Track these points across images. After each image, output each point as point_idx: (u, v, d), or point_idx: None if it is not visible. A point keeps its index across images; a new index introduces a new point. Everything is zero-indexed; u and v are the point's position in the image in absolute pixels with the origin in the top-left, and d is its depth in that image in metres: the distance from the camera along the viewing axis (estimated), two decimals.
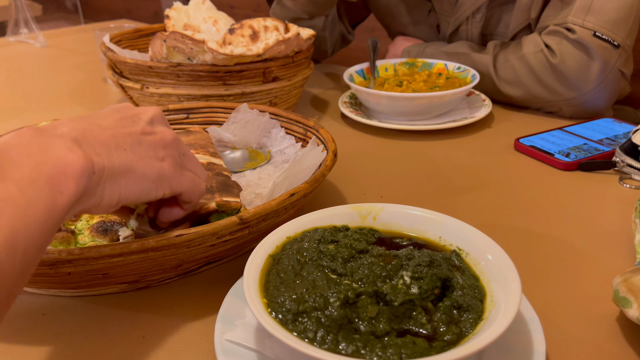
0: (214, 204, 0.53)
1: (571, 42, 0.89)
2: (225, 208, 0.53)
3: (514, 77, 0.96)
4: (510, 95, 0.98)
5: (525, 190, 0.71)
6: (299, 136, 0.74)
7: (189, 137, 0.72)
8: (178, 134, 0.72)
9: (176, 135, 0.47)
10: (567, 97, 0.93)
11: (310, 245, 0.46)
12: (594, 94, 0.92)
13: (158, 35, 0.85)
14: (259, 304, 0.39)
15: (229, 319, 0.45)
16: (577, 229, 0.62)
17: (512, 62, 0.96)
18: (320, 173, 0.57)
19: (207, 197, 0.56)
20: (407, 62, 1.05)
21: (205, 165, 0.66)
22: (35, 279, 0.48)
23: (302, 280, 0.42)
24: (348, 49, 1.41)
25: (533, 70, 0.93)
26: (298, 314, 0.38)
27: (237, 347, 0.42)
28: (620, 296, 0.44)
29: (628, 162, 0.73)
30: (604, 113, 0.98)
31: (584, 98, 0.92)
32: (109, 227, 0.54)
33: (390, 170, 0.78)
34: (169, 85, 0.86)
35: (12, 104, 1.10)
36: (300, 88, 0.97)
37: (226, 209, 0.54)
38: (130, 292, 0.52)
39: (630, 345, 0.45)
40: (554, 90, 0.93)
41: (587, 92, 0.92)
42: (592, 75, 0.90)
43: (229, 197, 0.56)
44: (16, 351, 0.46)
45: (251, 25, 0.90)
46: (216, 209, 0.53)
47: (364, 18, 1.36)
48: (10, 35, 1.65)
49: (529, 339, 0.42)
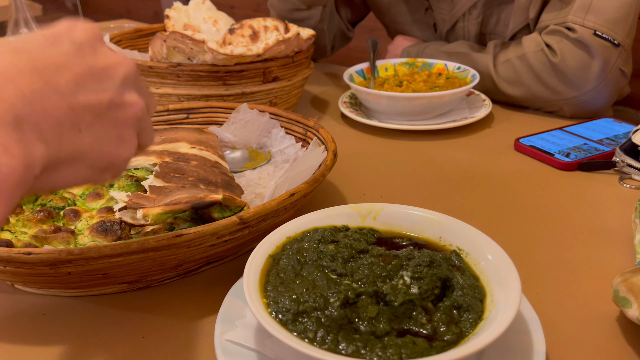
0: (221, 196, 0.53)
1: (572, 41, 0.90)
2: (230, 203, 0.53)
3: (515, 76, 0.96)
4: (510, 94, 0.98)
5: (525, 190, 0.71)
6: (299, 136, 0.74)
7: (201, 135, 0.72)
8: (191, 131, 0.72)
9: (144, 102, 0.38)
10: (568, 96, 0.93)
11: (310, 245, 0.46)
12: (594, 93, 0.92)
13: (158, 35, 0.85)
14: (259, 304, 0.39)
15: (229, 319, 0.45)
16: (577, 229, 0.62)
17: (512, 62, 0.96)
18: (320, 173, 0.57)
19: (210, 190, 0.56)
20: (407, 62, 1.05)
21: (212, 163, 0.66)
22: (35, 279, 0.48)
23: (302, 280, 0.42)
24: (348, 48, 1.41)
25: (534, 69, 0.93)
26: (298, 314, 0.38)
27: (237, 347, 0.42)
28: (620, 296, 0.44)
29: (628, 162, 0.73)
30: (604, 113, 0.98)
31: (585, 97, 0.92)
32: (109, 227, 0.54)
33: (390, 170, 0.78)
34: (169, 85, 0.86)
35: None
36: (300, 88, 0.97)
37: (231, 204, 0.53)
38: (130, 292, 0.52)
39: (630, 345, 0.45)
40: (555, 89, 0.93)
41: (588, 91, 0.92)
42: (593, 74, 0.90)
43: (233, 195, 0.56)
44: (16, 351, 0.46)
45: (251, 25, 0.90)
46: (221, 200, 0.52)
47: (363, 16, 1.36)
48: (10, 36, 1.65)
49: (529, 339, 0.42)
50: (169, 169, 0.61)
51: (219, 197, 0.52)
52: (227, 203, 0.53)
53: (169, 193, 0.56)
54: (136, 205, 0.53)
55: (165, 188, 0.57)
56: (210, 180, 0.60)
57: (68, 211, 0.58)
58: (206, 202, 0.52)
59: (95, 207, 0.60)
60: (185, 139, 0.70)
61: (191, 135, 0.71)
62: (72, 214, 0.57)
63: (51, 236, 0.53)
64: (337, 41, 1.31)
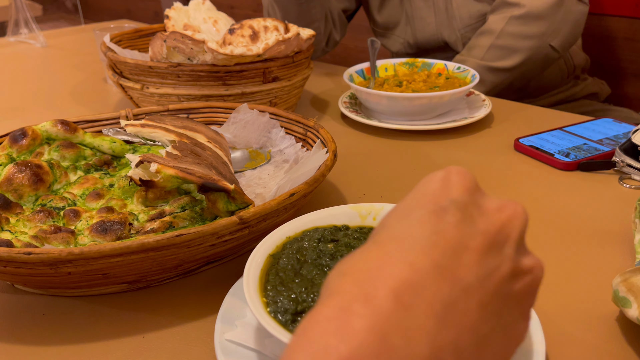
0: (233, 186, 0.52)
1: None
2: (238, 197, 0.53)
3: (505, 52, 1.11)
4: (511, 66, 1.11)
5: (525, 190, 0.71)
6: (299, 136, 0.74)
7: (217, 136, 0.72)
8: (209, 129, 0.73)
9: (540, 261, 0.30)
10: (547, 30, 1.09)
11: (310, 244, 0.46)
12: (560, 17, 1.10)
13: (158, 35, 0.85)
14: (258, 304, 0.39)
15: (229, 319, 0.45)
16: (577, 229, 0.62)
17: (494, 44, 1.10)
18: (320, 173, 0.57)
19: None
20: (407, 62, 1.05)
21: (223, 161, 0.66)
22: (35, 279, 0.48)
23: (301, 279, 0.42)
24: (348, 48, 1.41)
25: (515, 33, 1.09)
26: (297, 313, 0.38)
27: (237, 347, 0.42)
28: (620, 296, 0.44)
29: (628, 162, 0.73)
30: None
31: (555, 24, 1.10)
32: (109, 227, 0.55)
33: (390, 170, 0.78)
34: (169, 86, 0.86)
35: (12, 104, 1.10)
36: (300, 88, 0.97)
37: (238, 198, 0.53)
38: (130, 292, 0.52)
39: (630, 345, 0.45)
40: (538, 33, 1.09)
41: (558, 17, 1.10)
42: (553, 0, 1.08)
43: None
44: (16, 351, 0.46)
45: (251, 25, 0.90)
46: (231, 190, 0.52)
47: (355, 9, 1.39)
48: (10, 36, 1.65)
49: (529, 339, 0.42)
50: (186, 148, 0.61)
51: (231, 186, 0.52)
52: (235, 195, 0.53)
53: (185, 162, 0.56)
54: (151, 159, 0.52)
55: (181, 157, 0.57)
56: (221, 171, 0.60)
57: (68, 211, 0.58)
58: (217, 185, 0.52)
59: (95, 207, 0.60)
60: (203, 133, 0.70)
61: (209, 132, 0.72)
62: (72, 214, 0.57)
63: (51, 236, 0.53)
64: (335, 27, 1.33)
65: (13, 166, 0.60)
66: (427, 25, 1.26)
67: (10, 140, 0.64)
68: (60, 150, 0.66)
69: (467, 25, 1.21)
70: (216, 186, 0.52)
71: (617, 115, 1.21)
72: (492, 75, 1.12)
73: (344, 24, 1.36)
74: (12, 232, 0.54)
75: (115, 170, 0.67)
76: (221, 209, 0.53)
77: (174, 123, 0.70)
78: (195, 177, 0.51)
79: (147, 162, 0.53)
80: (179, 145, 0.61)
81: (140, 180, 0.53)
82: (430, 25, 1.26)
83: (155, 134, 0.65)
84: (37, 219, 0.56)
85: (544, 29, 1.09)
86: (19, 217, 0.57)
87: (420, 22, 1.27)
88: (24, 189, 0.59)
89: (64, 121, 0.67)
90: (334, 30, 1.33)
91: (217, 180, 0.52)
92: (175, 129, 0.68)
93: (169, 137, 0.65)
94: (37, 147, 0.65)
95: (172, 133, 0.66)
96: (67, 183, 0.64)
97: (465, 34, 1.22)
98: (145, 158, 0.53)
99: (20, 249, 0.44)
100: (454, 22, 1.22)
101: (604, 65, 1.54)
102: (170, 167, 0.52)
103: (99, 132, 0.73)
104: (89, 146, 0.69)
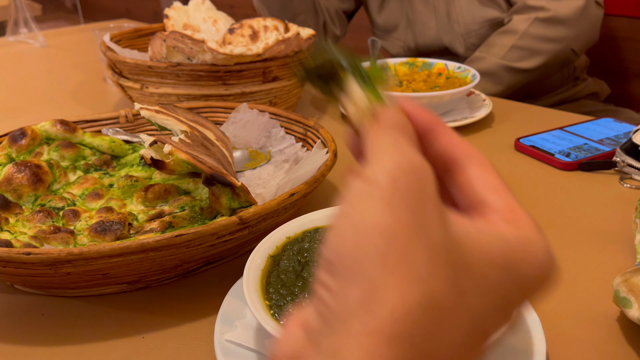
0: (240, 183, 0.52)
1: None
2: (243, 195, 0.53)
3: (527, 53, 1.11)
4: (532, 67, 1.12)
5: (526, 190, 0.71)
6: (299, 136, 0.74)
7: (224, 137, 0.72)
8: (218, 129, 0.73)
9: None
10: (570, 34, 1.11)
11: (311, 245, 0.45)
12: (584, 22, 1.12)
13: (158, 35, 0.85)
14: (258, 305, 0.39)
15: (229, 319, 0.45)
16: (577, 229, 0.62)
17: (516, 44, 1.10)
18: (320, 173, 0.57)
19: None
20: (407, 62, 1.05)
21: (228, 160, 0.66)
22: (35, 279, 0.48)
23: (303, 281, 0.42)
24: None
25: (538, 36, 1.10)
26: None
27: (237, 347, 0.42)
28: (620, 296, 0.44)
29: (628, 162, 0.73)
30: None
31: (579, 29, 1.12)
32: (108, 227, 0.54)
33: None
34: (169, 85, 0.85)
35: (12, 104, 1.10)
36: (300, 88, 0.96)
37: (243, 196, 0.53)
38: (130, 292, 0.52)
39: (631, 345, 0.45)
40: (560, 37, 1.11)
41: (582, 23, 1.12)
42: (579, 6, 1.10)
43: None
44: (16, 351, 0.46)
45: (251, 25, 0.90)
46: (238, 186, 0.52)
47: (355, 9, 1.39)
48: (9, 35, 1.65)
49: (529, 339, 0.42)
50: (197, 139, 0.61)
51: (238, 183, 0.52)
52: (240, 192, 0.52)
53: (196, 151, 0.56)
54: (166, 141, 0.52)
55: (193, 146, 0.57)
56: (227, 168, 0.60)
57: (67, 211, 0.58)
58: (225, 179, 0.52)
59: (94, 207, 0.60)
60: (212, 131, 0.70)
61: (217, 131, 0.72)
62: (72, 214, 0.57)
63: (50, 236, 0.53)
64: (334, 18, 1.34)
65: (12, 166, 0.60)
66: (427, 30, 1.26)
67: (9, 140, 0.64)
68: (60, 150, 0.65)
69: (470, 31, 1.21)
70: (224, 180, 0.52)
71: (619, 116, 1.21)
72: (510, 75, 1.13)
73: (343, 21, 1.36)
74: (11, 232, 0.54)
75: (114, 170, 0.67)
76: (224, 205, 0.53)
77: (186, 116, 0.70)
78: (206, 167, 0.51)
79: (161, 142, 0.52)
80: (191, 135, 0.61)
81: (151, 159, 0.53)
82: (431, 30, 1.26)
83: (169, 121, 0.65)
84: (37, 219, 0.56)
85: (568, 33, 1.11)
86: (18, 217, 0.56)
87: (421, 27, 1.27)
88: (23, 189, 0.59)
89: (63, 121, 0.67)
90: (332, 26, 1.33)
91: (225, 174, 0.52)
92: (187, 121, 0.67)
93: (181, 127, 0.65)
94: (37, 147, 0.65)
95: (184, 124, 0.66)
96: (66, 183, 0.64)
97: (469, 39, 1.21)
98: (160, 139, 0.53)
99: (19, 249, 0.44)
100: (457, 27, 1.22)
101: (605, 65, 1.54)
102: (183, 151, 0.52)
103: (99, 132, 0.73)
104: (88, 146, 0.68)
